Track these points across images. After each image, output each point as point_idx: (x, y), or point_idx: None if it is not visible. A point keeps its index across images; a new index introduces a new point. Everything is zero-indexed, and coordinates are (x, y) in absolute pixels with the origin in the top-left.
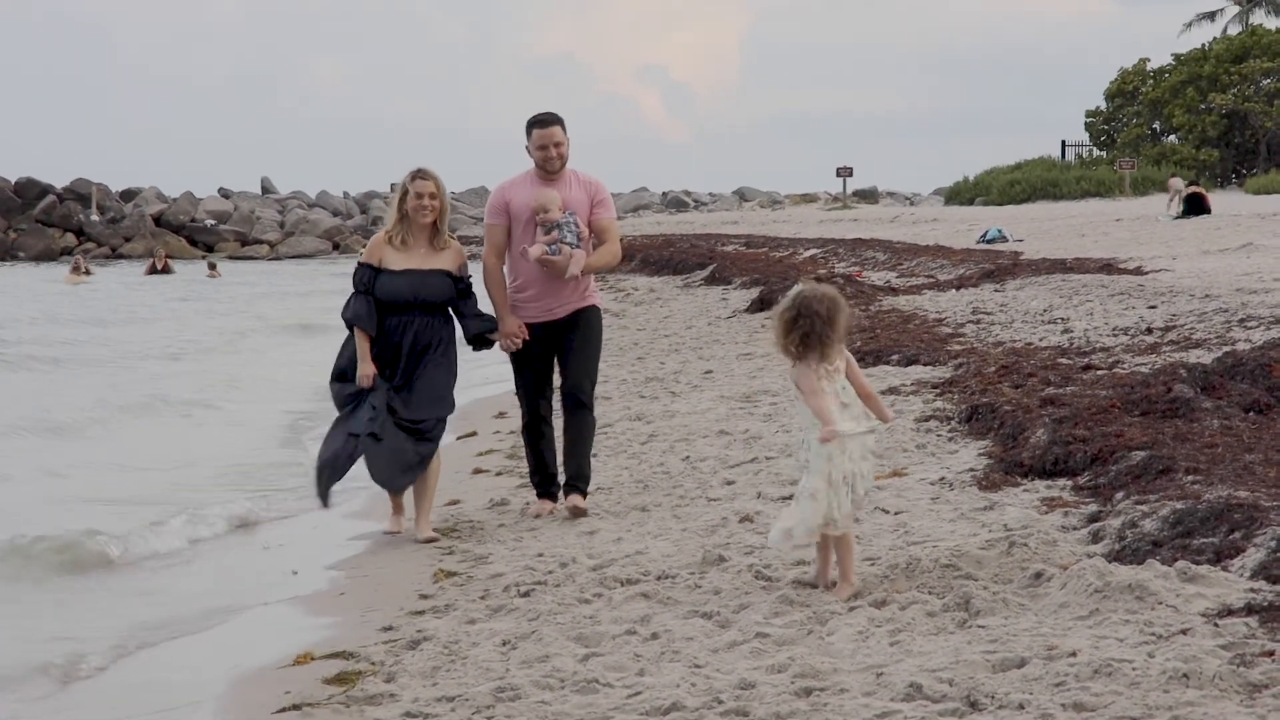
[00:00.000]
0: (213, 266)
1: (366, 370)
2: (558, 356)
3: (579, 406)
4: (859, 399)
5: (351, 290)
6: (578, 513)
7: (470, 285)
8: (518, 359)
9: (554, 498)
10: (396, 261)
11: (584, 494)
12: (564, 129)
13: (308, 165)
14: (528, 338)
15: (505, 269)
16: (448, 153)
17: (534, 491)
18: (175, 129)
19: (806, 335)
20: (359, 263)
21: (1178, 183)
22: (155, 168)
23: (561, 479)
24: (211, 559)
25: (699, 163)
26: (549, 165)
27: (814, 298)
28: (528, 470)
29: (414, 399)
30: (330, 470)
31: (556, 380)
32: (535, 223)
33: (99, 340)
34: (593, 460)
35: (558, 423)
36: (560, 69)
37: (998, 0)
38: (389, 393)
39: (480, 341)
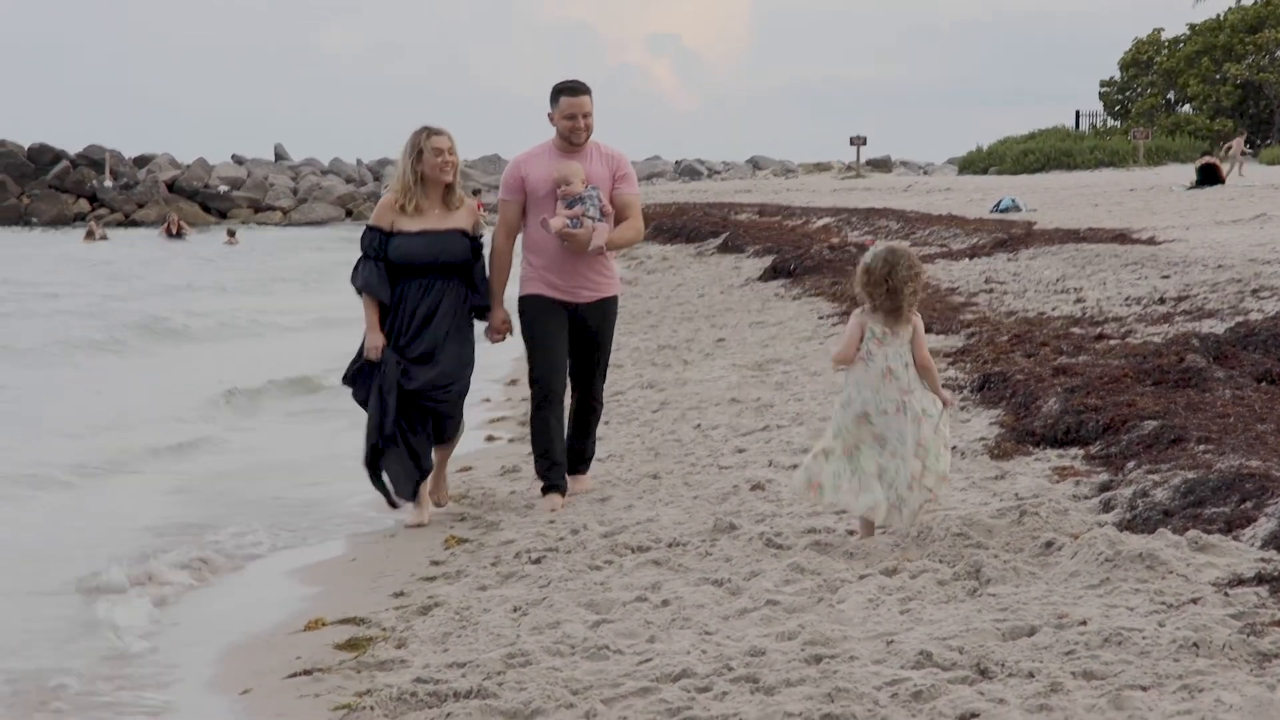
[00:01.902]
0: (232, 234)
1: (375, 341)
2: (574, 348)
3: (591, 402)
4: (917, 371)
5: (360, 255)
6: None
7: (482, 246)
8: (535, 335)
9: (562, 491)
10: (410, 223)
11: (585, 473)
12: (592, 99)
13: (321, 132)
14: (512, 333)
15: (520, 244)
16: (460, 120)
17: (540, 483)
18: (188, 95)
19: (890, 293)
20: (367, 226)
21: (1239, 144)
22: (168, 134)
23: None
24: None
25: (711, 131)
26: (574, 137)
27: (904, 256)
28: (533, 455)
29: (436, 368)
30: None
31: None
32: (556, 196)
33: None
34: (603, 427)
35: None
36: (572, 36)
37: None
38: (398, 366)
39: (482, 314)
